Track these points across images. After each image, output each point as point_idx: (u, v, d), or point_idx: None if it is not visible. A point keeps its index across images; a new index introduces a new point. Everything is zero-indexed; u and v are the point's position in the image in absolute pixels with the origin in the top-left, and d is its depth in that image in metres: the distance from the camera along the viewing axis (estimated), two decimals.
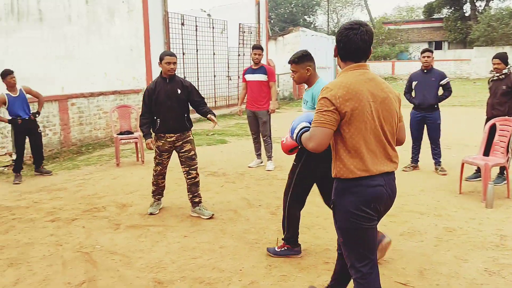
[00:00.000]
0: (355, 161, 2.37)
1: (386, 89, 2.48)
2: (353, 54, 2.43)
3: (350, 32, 2.40)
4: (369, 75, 2.44)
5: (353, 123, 2.33)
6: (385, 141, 2.46)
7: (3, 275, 3.62)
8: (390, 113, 2.46)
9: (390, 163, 2.52)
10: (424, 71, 6.69)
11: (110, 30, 12.94)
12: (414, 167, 6.95)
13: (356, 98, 2.32)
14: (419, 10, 52.22)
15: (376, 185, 2.40)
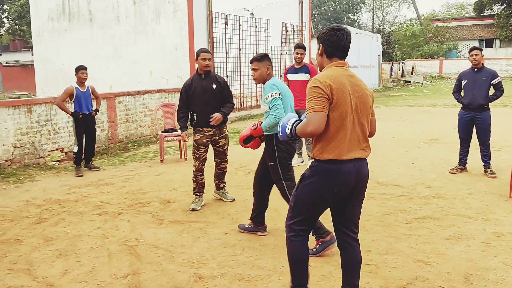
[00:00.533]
0: (333, 146, 2.67)
1: (363, 85, 2.82)
2: (340, 51, 2.82)
3: (338, 32, 2.81)
4: (349, 72, 2.80)
5: (337, 109, 2.64)
6: (359, 131, 2.77)
7: (52, 265, 3.79)
8: (366, 106, 2.81)
9: (362, 151, 2.79)
10: (475, 70, 6.45)
11: (155, 30, 13.25)
12: (461, 169, 6.72)
13: (340, 89, 2.65)
14: (469, 6, 50.36)
15: (346, 171, 2.70)
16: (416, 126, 11.67)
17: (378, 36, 30.46)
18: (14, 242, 4.30)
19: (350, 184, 2.73)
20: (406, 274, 3.52)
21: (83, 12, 14.61)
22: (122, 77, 13.76)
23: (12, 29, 50.09)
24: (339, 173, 2.68)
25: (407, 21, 48.89)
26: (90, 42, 14.52)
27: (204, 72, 5.12)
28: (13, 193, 6.03)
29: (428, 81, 32.56)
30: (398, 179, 6.37)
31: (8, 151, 7.32)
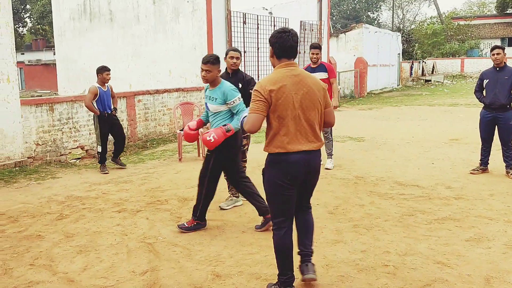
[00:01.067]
0: (278, 141, 3.03)
1: (310, 82, 3.08)
2: (288, 52, 3.08)
3: (284, 35, 3.08)
4: (295, 72, 3.07)
5: (277, 111, 2.99)
6: (306, 125, 3.05)
7: (73, 261, 3.86)
8: (313, 102, 3.07)
9: (309, 143, 3.07)
10: (497, 69, 6.34)
11: (174, 29, 13.34)
12: (483, 170, 6.60)
13: (280, 91, 2.97)
14: (492, 4, 49.39)
15: (294, 161, 3.03)
16: (437, 126, 11.51)
17: (398, 34, 30.11)
18: (35, 238, 4.39)
19: (300, 172, 3.07)
20: (425, 275, 3.47)
21: (103, 12, 14.80)
22: (141, 76, 13.90)
23: (35, 29, 51.03)
24: (287, 163, 3.04)
25: (428, 19, 48.24)
26: (111, 42, 14.71)
27: (232, 71, 5.13)
28: (35, 190, 6.15)
29: (449, 80, 32.07)
30: (417, 180, 6.30)
31: (31, 148, 7.46)
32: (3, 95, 7.08)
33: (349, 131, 10.85)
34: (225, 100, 4.35)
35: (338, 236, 4.31)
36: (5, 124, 7.09)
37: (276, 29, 3.21)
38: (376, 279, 3.43)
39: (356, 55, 23.41)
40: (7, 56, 7.17)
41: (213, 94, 4.40)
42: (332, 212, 4.99)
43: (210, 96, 4.43)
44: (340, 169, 7.00)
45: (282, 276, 3.18)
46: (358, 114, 15.11)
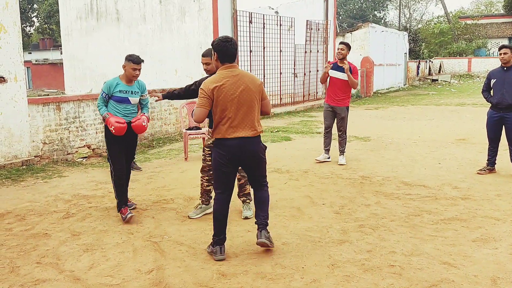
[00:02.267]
0: (219, 129, 3.75)
1: (247, 81, 3.76)
2: (229, 57, 3.77)
3: (227, 44, 3.75)
4: (235, 72, 3.77)
5: (218, 105, 3.71)
6: (243, 116, 3.73)
7: (79, 259, 3.88)
8: (249, 97, 3.75)
9: (245, 131, 3.75)
10: (504, 69, 6.30)
11: (181, 29, 13.37)
12: (490, 170, 6.57)
13: (221, 89, 3.68)
14: (499, 4, 49.06)
15: (230, 145, 3.74)
16: (443, 126, 11.46)
17: (404, 34, 29.97)
18: (42, 236, 4.42)
19: (236, 154, 3.77)
20: (432, 276, 3.46)
21: (110, 11, 14.86)
22: (147, 75, 13.91)
23: (42, 28, 51.33)
24: (225, 146, 3.75)
25: (435, 19, 48.00)
26: (117, 41, 14.76)
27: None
28: (42, 188, 6.19)
29: (456, 80, 31.90)
30: (424, 180, 6.27)
31: (38, 147, 7.51)
32: (10, 94, 7.13)
33: (355, 131, 10.82)
34: (142, 93, 5.05)
35: (343, 236, 4.30)
36: (13, 123, 7.14)
37: (220, 38, 3.85)
38: (382, 279, 3.42)
39: (362, 54, 23.33)
40: (15, 56, 7.22)
41: (133, 89, 4.96)
42: (338, 212, 4.99)
43: (130, 90, 4.94)
44: (346, 168, 6.99)
45: (216, 236, 3.88)
46: (364, 113, 15.06)
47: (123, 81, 4.91)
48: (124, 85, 4.91)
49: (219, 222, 3.88)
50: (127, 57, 4.88)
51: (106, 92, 4.87)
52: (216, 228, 3.87)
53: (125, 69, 4.87)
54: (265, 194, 4.04)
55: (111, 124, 4.74)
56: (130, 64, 4.82)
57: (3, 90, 7.06)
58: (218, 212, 3.89)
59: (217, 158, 3.80)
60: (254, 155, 3.86)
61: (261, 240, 3.89)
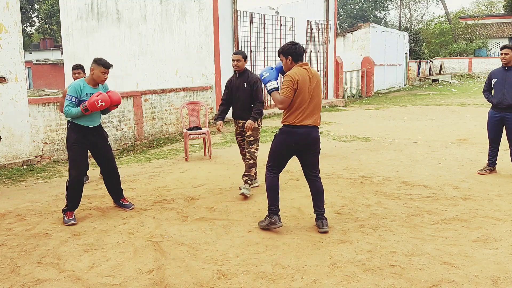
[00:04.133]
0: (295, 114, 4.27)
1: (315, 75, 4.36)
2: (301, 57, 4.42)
3: (298, 46, 4.39)
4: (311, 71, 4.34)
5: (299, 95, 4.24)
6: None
7: (80, 259, 3.88)
8: (318, 90, 4.32)
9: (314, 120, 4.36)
10: (505, 68, 6.30)
11: (181, 29, 13.37)
12: (490, 171, 6.56)
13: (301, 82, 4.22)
14: (500, 4, 49.04)
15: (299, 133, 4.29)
16: (444, 126, 11.46)
17: (405, 34, 29.97)
18: (43, 236, 4.42)
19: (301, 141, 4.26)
20: (432, 276, 3.46)
21: (111, 12, 14.87)
22: (148, 75, 13.95)
23: (42, 28, 51.36)
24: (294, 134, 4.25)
25: (435, 19, 47.99)
26: (118, 41, 14.77)
27: (237, 72, 5.83)
28: (43, 188, 6.19)
29: (456, 80, 31.89)
30: (424, 180, 6.27)
31: (38, 147, 7.51)
32: (11, 94, 7.14)
33: (355, 131, 10.83)
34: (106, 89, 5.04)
35: (344, 236, 4.30)
36: (13, 123, 7.15)
37: (289, 42, 4.41)
38: (382, 279, 3.42)
39: (363, 54, 23.34)
40: (15, 56, 7.22)
41: (100, 90, 4.92)
42: (338, 212, 4.98)
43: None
44: (346, 169, 6.98)
45: (271, 206, 4.39)
46: (364, 113, 15.06)
47: (90, 84, 4.88)
48: (90, 87, 4.86)
49: (275, 194, 4.41)
50: (97, 60, 4.84)
51: (76, 96, 4.77)
52: (272, 199, 4.39)
53: (93, 72, 4.83)
54: (320, 184, 4.48)
55: (97, 102, 4.66)
56: (100, 68, 4.80)
57: (4, 90, 7.07)
58: (273, 185, 4.41)
59: (281, 142, 4.33)
60: (316, 142, 4.35)
61: (324, 229, 4.34)
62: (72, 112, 4.74)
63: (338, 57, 19.37)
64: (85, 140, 4.88)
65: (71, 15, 16.10)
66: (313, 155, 4.39)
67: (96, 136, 4.98)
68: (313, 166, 4.43)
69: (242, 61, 5.71)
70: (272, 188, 4.42)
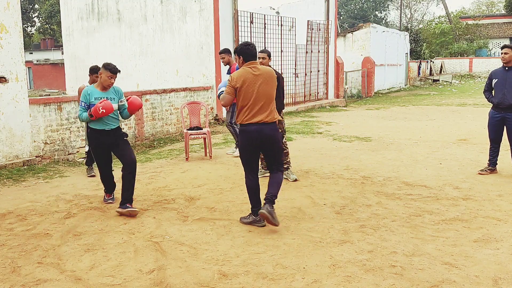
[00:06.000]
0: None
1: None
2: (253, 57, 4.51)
3: (249, 47, 4.50)
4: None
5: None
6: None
7: (80, 259, 3.88)
8: (267, 87, 4.45)
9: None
10: (506, 69, 6.30)
11: (182, 29, 13.37)
12: (491, 171, 6.56)
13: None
14: (500, 4, 49.00)
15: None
16: (444, 126, 11.45)
17: (405, 34, 29.96)
18: (43, 236, 4.42)
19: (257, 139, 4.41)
20: (433, 276, 3.46)
21: (111, 12, 14.87)
22: (149, 75, 13.94)
23: (43, 28, 51.37)
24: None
25: (436, 19, 47.98)
26: (118, 41, 14.77)
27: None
28: (44, 188, 6.19)
29: (457, 80, 31.87)
30: (425, 180, 6.27)
31: (39, 147, 7.51)
32: (11, 94, 7.14)
33: (356, 131, 10.82)
34: (119, 98, 5.17)
35: (345, 236, 4.30)
36: (14, 123, 7.15)
37: (243, 42, 4.55)
38: (383, 279, 3.42)
39: (363, 54, 23.33)
40: (16, 56, 7.22)
41: (109, 95, 5.09)
42: (339, 212, 4.98)
43: (106, 97, 5.04)
44: (347, 169, 6.98)
45: (253, 207, 4.57)
46: (365, 114, 15.06)
47: (98, 88, 5.09)
48: (98, 91, 5.07)
49: (254, 195, 4.56)
50: (105, 65, 5.04)
51: (85, 101, 5.04)
52: (252, 200, 4.57)
53: (101, 76, 5.03)
54: (280, 176, 4.57)
55: (98, 108, 4.87)
56: (107, 73, 5.00)
57: (5, 90, 7.07)
58: (251, 186, 4.57)
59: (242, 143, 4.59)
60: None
61: (261, 210, 4.32)
62: (83, 116, 5.06)
63: (338, 57, 19.37)
64: (101, 144, 5.19)
65: (71, 15, 16.10)
66: (272, 151, 4.51)
67: (113, 137, 5.19)
68: (275, 161, 4.57)
69: (267, 59, 5.91)
70: (250, 189, 4.57)
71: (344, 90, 19.37)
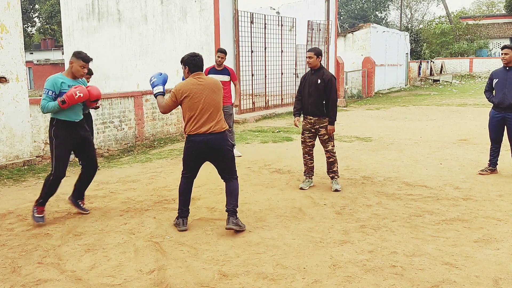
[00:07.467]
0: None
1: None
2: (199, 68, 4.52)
3: (196, 58, 4.53)
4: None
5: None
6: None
7: (81, 260, 3.88)
8: (214, 97, 4.42)
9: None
10: (506, 68, 6.30)
11: (182, 29, 13.37)
12: (492, 171, 6.55)
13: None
14: (501, 4, 49.01)
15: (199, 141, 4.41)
16: (445, 126, 11.45)
17: (406, 34, 29.96)
18: (43, 236, 4.42)
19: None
20: (433, 276, 3.46)
21: (112, 12, 14.87)
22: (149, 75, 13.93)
23: (43, 28, 51.38)
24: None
25: (436, 19, 47.98)
26: (119, 41, 14.77)
27: (312, 68, 5.84)
28: None
29: (457, 80, 31.87)
30: (425, 180, 6.27)
31: (39, 147, 7.51)
32: (12, 94, 7.14)
33: (356, 131, 10.82)
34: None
35: (345, 236, 4.30)
36: (14, 123, 7.15)
37: (190, 53, 4.59)
38: (383, 279, 3.42)
39: (363, 54, 23.33)
40: (16, 56, 7.23)
41: (79, 84, 4.75)
42: (339, 212, 4.98)
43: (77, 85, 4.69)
44: (347, 169, 6.98)
45: (180, 209, 4.54)
46: (365, 114, 15.05)
47: (68, 76, 4.72)
48: (70, 80, 4.70)
49: (184, 198, 4.54)
50: (77, 54, 4.70)
51: (53, 90, 4.59)
52: (181, 202, 4.53)
53: (73, 65, 4.69)
54: (234, 185, 4.51)
55: (75, 93, 4.52)
56: (80, 62, 4.68)
57: (5, 90, 7.07)
58: (184, 190, 4.54)
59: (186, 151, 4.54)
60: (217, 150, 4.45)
61: (229, 226, 4.34)
62: (49, 106, 4.58)
63: (339, 57, 19.36)
64: (73, 136, 4.75)
65: (72, 15, 16.11)
66: (222, 161, 4.45)
67: (84, 130, 4.86)
68: (225, 171, 4.49)
69: (314, 58, 5.76)
70: (184, 193, 4.55)
71: (344, 90, 19.36)
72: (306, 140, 5.96)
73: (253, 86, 13.81)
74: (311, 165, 6.03)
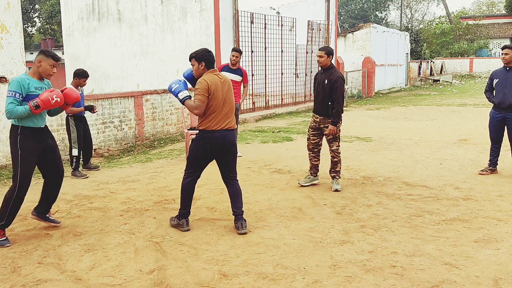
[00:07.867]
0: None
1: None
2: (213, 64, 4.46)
3: (211, 53, 4.42)
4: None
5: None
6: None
7: (81, 260, 3.88)
8: (230, 94, 4.44)
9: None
10: (506, 69, 6.30)
11: (182, 29, 13.37)
12: (492, 171, 6.55)
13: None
14: (501, 4, 49.01)
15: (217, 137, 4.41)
16: (445, 126, 11.45)
17: (406, 34, 29.95)
18: (44, 236, 4.42)
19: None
20: (433, 276, 3.46)
21: (112, 12, 14.87)
22: (149, 75, 13.95)
23: (43, 28, 51.36)
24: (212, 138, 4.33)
25: (437, 19, 47.98)
26: (119, 41, 14.78)
27: (322, 67, 5.89)
28: None
29: (457, 80, 31.87)
30: (425, 180, 6.26)
31: None
32: None
33: (356, 131, 10.82)
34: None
35: (345, 236, 4.30)
36: None
37: (203, 49, 4.45)
38: (383, 280, 3.42)
39: (363, 54, 23.33)
40: (16, 56, 7.23)
41: (45, 85, 4.28)
42: (339, 213, 4.98)
43: (43, 87, 4.25)
44: (347, 169, 6.98)
45: (182, 209, 4.51)
46: (365, 114, 15.05)
47: (34, 77, 4.22)
48: (36, 81, 4.20)
49: (187, 197, 4.51)
50: (45, 52, 4.22)
51: (20, 92, 4.04)
52: (184, 202, 4.50)
53: (40, 64, 4.16)
54: (237, 187, 4.55)
55: (51, 97, 4.03)
56: (49, 60, 4.18)
57: (5, 90, 7.07)
58: (187, 189, 4.50)
59: (198, 147, 4.43)
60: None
61: (243, 230, 4.38)
62: (17, 111, 4.02)
63: (339, 57, 19.36)
64: (39, 145, 4.23)
65: (72, 15, 16.11)
66: (230, 158, 4.50)
67: (50, 137, 4.41)
68: (231, 170, 4.53)
69: (325, 57, 5.76)
70: (187, 192, 4.52)
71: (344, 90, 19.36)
72: (310, 137, 6.04)
73: (253, 86, 13.81)
74: (315, 162, 6.08)
